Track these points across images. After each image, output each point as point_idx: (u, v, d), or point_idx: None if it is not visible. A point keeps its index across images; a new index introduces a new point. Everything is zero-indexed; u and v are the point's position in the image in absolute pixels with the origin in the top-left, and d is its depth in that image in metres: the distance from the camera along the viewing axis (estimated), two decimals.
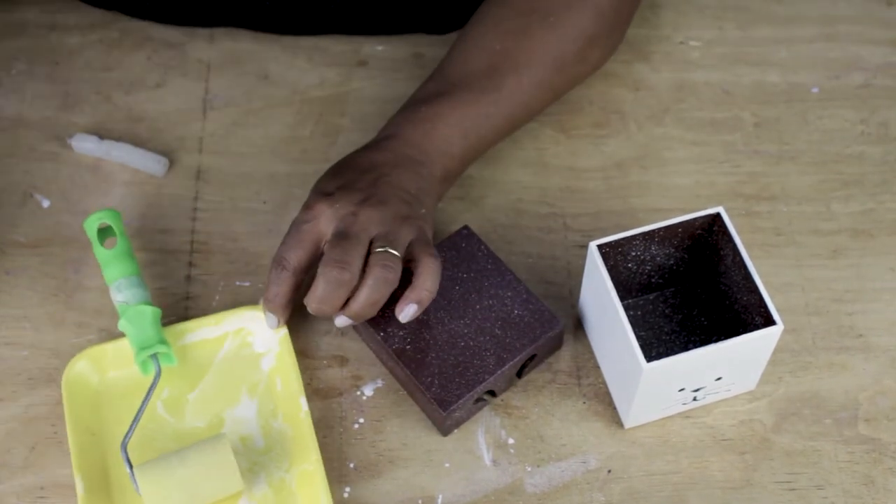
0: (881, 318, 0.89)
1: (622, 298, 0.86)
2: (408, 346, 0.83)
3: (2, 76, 0.99)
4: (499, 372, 0.82)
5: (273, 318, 0.83)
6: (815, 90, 1.00)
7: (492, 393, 0.84)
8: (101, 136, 0.95)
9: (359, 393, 0.86)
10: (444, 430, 0.83)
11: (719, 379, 0.81)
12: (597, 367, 0.86)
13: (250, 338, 0.86)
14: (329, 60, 1.01)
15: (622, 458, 0.83)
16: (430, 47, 1.01)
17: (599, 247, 0.81)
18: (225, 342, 0.86)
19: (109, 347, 0.84)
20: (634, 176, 0.95)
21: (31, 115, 0.97)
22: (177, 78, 0.99)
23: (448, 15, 1.00)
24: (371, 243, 0.80)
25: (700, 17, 1.04)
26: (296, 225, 0.82)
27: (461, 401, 0.81)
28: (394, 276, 0.79)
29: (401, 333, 0.83)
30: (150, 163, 0.94)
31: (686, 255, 0.85)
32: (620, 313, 0.78)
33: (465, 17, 0.99)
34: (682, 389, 0.80)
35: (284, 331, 0.85)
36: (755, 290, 0.79)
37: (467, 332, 0.83)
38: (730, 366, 0.80)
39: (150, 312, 0.83)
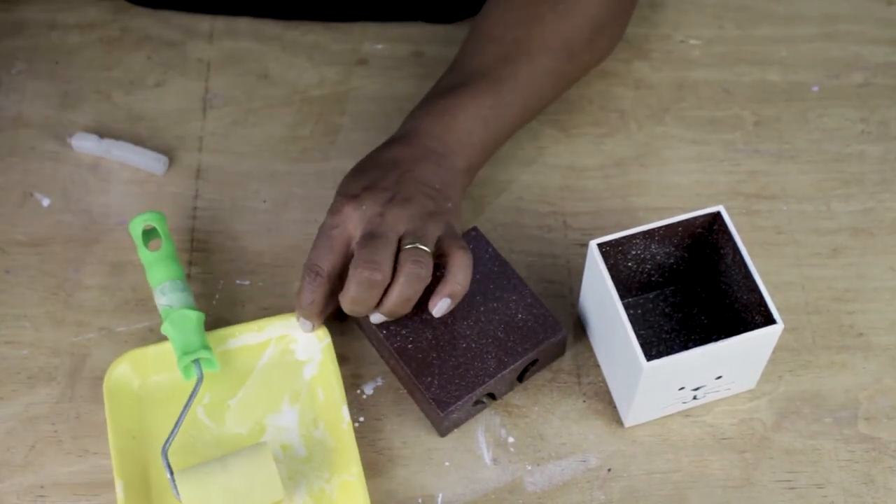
0: (881, 317, 0.89)
1: (622, 297, 0.86)
2: (409, 345, 0.83)
3: (2, 76, 0.99)
4: (499, 375, 0.82)
5: (308, 325, 0.83)
6: (815, 89, 1.00)
7: (491, 396, 0.84)
8: (101, 135, 0.95)
9: (359, 391, 0.85)
10: (442, 431, 0.83)
11: (719, 378, 0.81)
12: (597, 366, 0.86)
13: (293, 345, 0.85)
14: (329, 59, 1.01)
15: (622, 456, 0.83)
16: (429, 45, 1.01)
17: (599, 245, 0.81)
18: (267, 349, 0.85)
19: (151, 351, 0.83)
20: (634, 175, 0.95)
21: (31, 115, 0.97)
22: (177, 77, 0.99)
23: (448, 4, 1.00)
24: (400, 241, 0.80)
25: (700, 15, 1.04)
26: (325, 230, 0.82)
27: (459, 402, 0.81)
28: (426, 272, 0.79)
29: (403, 332, 0.83)
30: (150, 161, 0.94)
31: (686, 254, 0.85)
32: (620, 312, 0.78)
33: (464, 6, 0.99)
34: (682, 388, 0.80)
35: (328, 340, 0.84)
36: (755, 289, 0.79)
37: (470, 334, 0.83)
38: (730, 365, 0.80)
39: (195, 317, 0.82)
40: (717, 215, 0.82)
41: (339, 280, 0.82)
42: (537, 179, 0.95)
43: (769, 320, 0.78)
